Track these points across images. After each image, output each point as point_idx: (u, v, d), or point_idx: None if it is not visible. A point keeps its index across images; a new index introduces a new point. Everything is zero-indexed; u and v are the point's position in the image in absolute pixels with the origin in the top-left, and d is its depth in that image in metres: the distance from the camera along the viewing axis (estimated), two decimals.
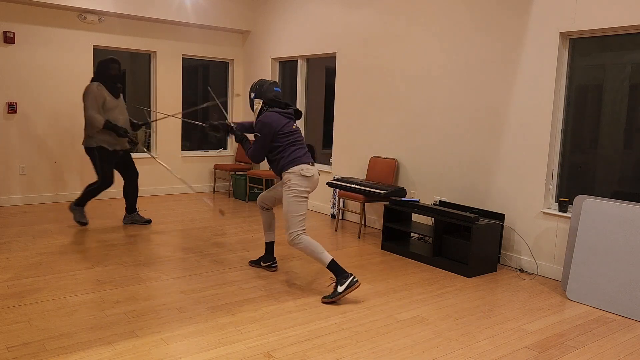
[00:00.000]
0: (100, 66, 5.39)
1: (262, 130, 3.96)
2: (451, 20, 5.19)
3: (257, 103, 4.15)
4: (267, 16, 7.71)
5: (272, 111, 4.04)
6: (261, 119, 3.99)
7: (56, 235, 5.24)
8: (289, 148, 3.97)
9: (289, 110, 4.13)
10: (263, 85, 4.14)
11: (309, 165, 3.96)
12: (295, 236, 3.85)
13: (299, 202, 3.88)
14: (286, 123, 4.02)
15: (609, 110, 4.28)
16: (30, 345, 2.92)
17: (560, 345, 3.19)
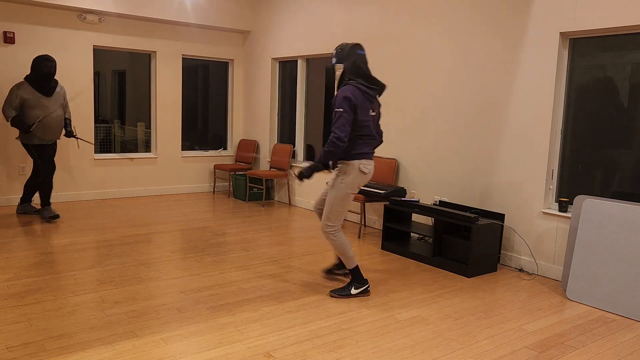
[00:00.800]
0: (33, 64, 5.55)
1: (342, 105, 3.53)
2: (451, 21, 5.19)
3: (338, 69, 3.69)
4: (267, 16, 7.71)
5: (353, 85, 3.59)
6: (339, 92, 3.57)
7: (56, 235, 5.24)
8: (357, 140, 3.64)
9: (374, 87, 3.66)
10: (345, 48, 3.65)
11: (370, 160, 3.71)
12: (335, 230, 3.75)
13: (347, 197, 3.70)
14: (365, 107, 3.60)
15: (609, 110, 4.28)
16: (30, 345, 2.92)
17: (560, 345, 3.19)
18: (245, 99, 8.35)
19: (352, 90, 3.55)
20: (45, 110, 5.59)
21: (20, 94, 5.51)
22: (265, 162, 7.94)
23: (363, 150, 3.67)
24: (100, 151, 7.39)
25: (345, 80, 3.65)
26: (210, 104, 8.56)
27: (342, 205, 3.72)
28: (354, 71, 3.63)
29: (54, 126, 5.71)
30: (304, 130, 7.45)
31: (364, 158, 3.67)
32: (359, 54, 3.64)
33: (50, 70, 5.56)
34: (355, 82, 3.61)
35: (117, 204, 6.94)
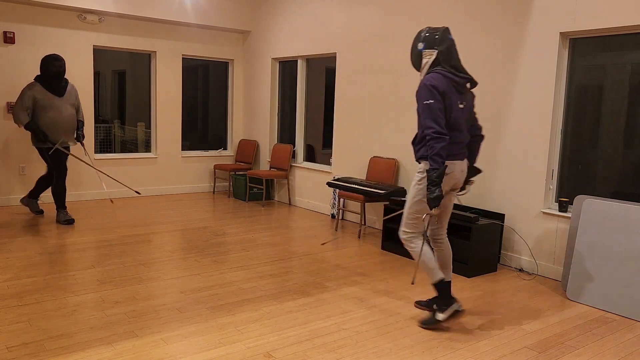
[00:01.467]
0: (42, 64, 5.48)
1: (428, 96, 3.06)
2: (451, 21, 5.19)
3: (427, 56, 3.18)
4: (267, 16, 7.71)
5: (437, 72, 3.13)
6: (422, 82, 3.12)
7: (56, 235, 5.24)
8: None
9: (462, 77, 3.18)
10: (436, 32, 3.17)
11: (456, 161, 3.21)
12: (411, 237, 3.32)
13: (423, 202, 3.21)
14: (452, 98, 3.13)
15: (609, 110, 4.28)
16: (30, 345, 2.92)
17: (560, 345, 3.19)
18: (245, 99, 8.35)
19: (437, 77, 3.10)
20: (57, 111, 5.50)
21: (32, 94, 5.43)
22: (265, 162, 7.94)
23: (449, 150, 3.16)
24: (101, 151, 7.39)
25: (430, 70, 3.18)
26: (210, 104, 8.56)
27: (421, 210, 3.24)
28: (446, 59, 3.15)
29: (67, 127, 5.60)
30: (304, 130, 7.45)
31: (448, 158, 3.16)
32: (451, 39, 3.19)
33: (59, 69, 5.49)
34: (440, 69, 3.15)
35: (117, 204, 6.93)
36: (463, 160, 3.28)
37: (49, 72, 5.47)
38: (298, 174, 7.32)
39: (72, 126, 5.66)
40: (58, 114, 5.50)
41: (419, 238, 3.31)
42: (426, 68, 3.19)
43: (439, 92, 3.07)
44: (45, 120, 5.47)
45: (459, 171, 3.26)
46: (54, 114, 5.48)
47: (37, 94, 5.44)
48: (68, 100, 5.62)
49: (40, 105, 5.44)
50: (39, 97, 5.44)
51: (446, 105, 3.11)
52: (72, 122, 5.64)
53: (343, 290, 4.00)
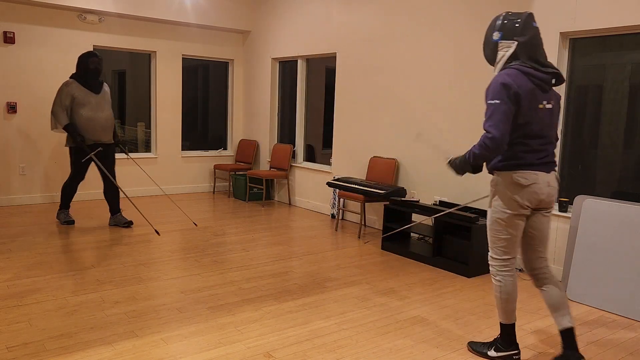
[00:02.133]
0: (78, 61, 5.38)
1: (497, 95, 2.59)
2: (451, 20, 5.19)
3: (503, 47, 2.70)
4: (267, 16, 7.71)
5: (515, 68, 2.65)
6: (495, 78, 2.65)
7: (56, 235, 5.24)
8: (515, 145, 2.66)
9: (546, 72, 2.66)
10: (518, 19, 2.67)
11: (533, 172, 2.67)
12: (500, 266, 2.81)
13: (503, 220, 2.73)
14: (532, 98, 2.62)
15: (609, 110, 4.28)
16: (30, 345, 2.92)
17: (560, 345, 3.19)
18: (245, 99, 8.35)
19: (513, 74, 2.61)
20: (93, 109, 5.35)
21: (70, 91, 5.28)
22: (265, 162, 7.94)
23: (524, 159, 2.66)
24: None
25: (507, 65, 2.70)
26: (210, 104, 8.56)
27: (505, 230, 2.74)
28: (528, 52, 2.66)
29: (104, 125, 5.43)
30: (304, 130, 7.45)
31: (523, 168, 2.67)
32: (535, 27, 2.68)
33: (97, 66, 5.36)
34: (519, 63, 2.66)
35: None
36: (549, 172, 2.72)
37: (86, 69, 5.34)
38: (298, 174, 7.32)
39: (108, 124, 5.48)
40: (94, 112, 5.35)
41: (510, 272, 2.79)
42: (501, 63, 2.71)
43: (511, 93, 2.58)
44: (81, 118, 5.31)
45: (544, 184, 2.69)
46: (90, 112, 5.34)
47: (74, 91, 5.30)
48: (104, 97, 5.49)
49: (77, 102, 5.30)
50: (77, 95, 5.30)
51: (522, 109, 2.61)
52: (108, 120, 5.47)
53: (343, 290, 4.00)
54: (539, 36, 2.69)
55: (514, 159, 2.67)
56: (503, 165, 2.69)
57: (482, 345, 3.00)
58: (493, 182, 2.76)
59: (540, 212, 2.80)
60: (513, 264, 2.79)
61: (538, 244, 2.84)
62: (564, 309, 2.80)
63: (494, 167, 2.74)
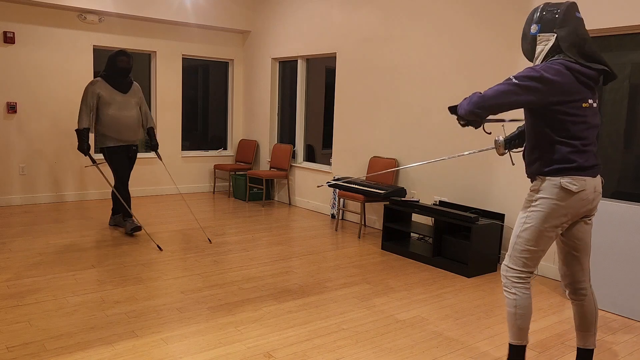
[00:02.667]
0: (108, 59, 5.26)
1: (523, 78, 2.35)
2: (451, 20, 5.19)
3: (542, 41, 2.46)
4: (267, 16, 7.71)
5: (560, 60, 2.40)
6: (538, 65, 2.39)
7: (56, 235, 5.24)
8: (560, 146, 2.41)
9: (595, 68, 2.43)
10: (557, 10, 2.42)
11: (584, 177, 2.42)
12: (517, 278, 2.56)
13: (540, 229, 2.47)
14: (576, 94, 2.38)
15: (609, 111, 4.28)
16: (30, 345, 2.92)
17: (560, 345, 3.19)
18: (245, 99, 8.35)
19: (556, 67, 2.36)
20: (119, 108, 5.23)
21: (95, 90, 5.16)
22: (265, 162, 7.94)
23: (573, 162, 2.40)
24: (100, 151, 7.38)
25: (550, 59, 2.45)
26: (210, 104, 8.56)
27: (533, 241, 2.49)
28: (572, 45, 2.41)
29: (129, 125, 5.30)
30: (304, 130, 7.45)
31: (572, 173, 2.41)
32: (579, 17, 2.44)
33: (126, 65, 5.24)
34: (563, 57, 2.41)
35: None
36: (596, 176, 2.48)
37: (115, 67, 5.22)
38: (298, 174, 7.32)
39: (134, 124, 5.34)
40: (119, 112, 5.23)
41: (526, 285, 2.55)
42: (541, 58, 2.46)
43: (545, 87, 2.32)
44: (107, 117, 5.20)
45: (591, 190, 2.45)
46: (116, 111, 5.22)
47: (100, 89, 5.18)
48: (132, 97, 5.34)
49: (103, 101, 5.19)
50: (102, 93, 5.18)
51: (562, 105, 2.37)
52: (134, 121, 5.33)
53: (343, 290, 4.00)
54: (583, 28, 2.44)
55: (561, 162, 2.40)
56: (551, 168, 2.42)
57: None
58: (535, 187, 2.50)
59: (583, 220, 2.55)
60: (529, 278, 2.58)
61: (583, 255, 2.61)
62: (593, 329, 2.65)
63: (538, 172, 2.47)
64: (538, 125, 2.45)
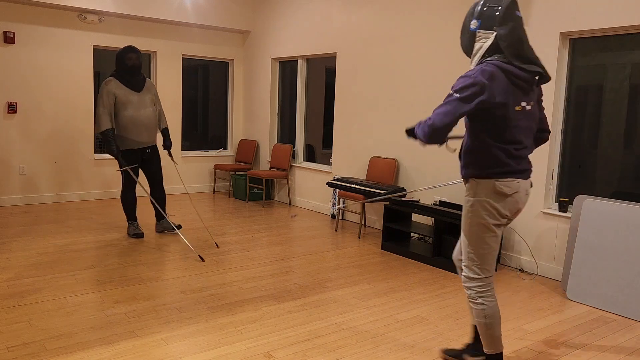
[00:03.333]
0: (117, 57, 5.04)
1: (458, 87, 2.35)
2: (451, 20, 5.19)
3: (481, 38, 2.41)
4: (267, 16, 7.71)
5: (493, 63, 2.36)
6: (472, 71, 2.37)
7: (56, 235, 5.24)
8: (493, 149, 2.42)
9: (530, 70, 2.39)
10: (498, 6, 2.36)
11: (515, 179, 2.46)
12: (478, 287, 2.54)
13: (484, 230, 2.50)
14: (510, 98, 2.36)
15: (609, 110, 4.28)
16: (30, 345, 2.92)
17: (560, 345, 3.19)
18: (245, 99, 8.35)
19: (490, 71, 2.33)
20: (136, 108, 5.01)
21: (110, 89, 4.94)
22: (265, 162, 7.94)
23: (507, 166, 2.43)
24: (101, 151, 7.39)
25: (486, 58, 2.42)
26: (210, 104, 8.56)
27: (478, 243, 2.51)
28: (510, 45, 2.35)
29: (148, 125, 5.09)
30: (304, 130, 7.45)
31: (505, 176, 2.44)
32: (518, 16, 2.38)
33: (135, 62, 5.01)
34: (498, 58, 2.38)
35: (117, 204, 6.93)
36: (527, 179, 2.52)
37: (124, 66, 5.01)
38: (298, 174, 7.32)
39: (152, 124, 5.14)
40: (136, 112, 5.01)
41: (491, 292, 2.54)
42: (478, 56, 2.42)
43: (478, 93, 2.32)
44: (124, 119, 4.99)
45: (524, 193, 2.50)
46: (133, 112, 5.00)
47: (115, 89, 4.96)
48: (146, 96, 5.12)
49: (119, 101, 4.96)
50: (118, 93, 4.96)
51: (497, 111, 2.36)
52: (152, 120, 5.13)
53: (343, 290, 4.00)
54: (522, 27, 2.39)
55: (495, 165, 2.43)
56: (485, 171, 2.44)
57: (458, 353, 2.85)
58: (471, 191, 2.51)
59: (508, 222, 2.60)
60: (492, 283, 2.55)
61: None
62: None
63: (473, 175, 2.48)
64: (475, 128, 2.46)
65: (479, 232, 2.50)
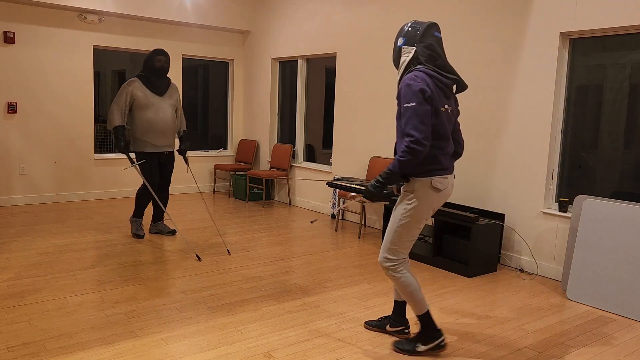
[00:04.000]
0: (145, 59, 5.03)
1: (413, 98, 2.68)
2: (451, 20, 5.19)
3: (406, 52, 2.84)
4: (267, 16, 7.71)
5: (422, 71, 2.77)
6: (405, 81, 2.73)
7: (56, 235, 5.24)
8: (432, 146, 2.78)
9: (449, 77, 2.82)
10: (419, 27, 2.82)
11: (446, 176, 2.84)
12: (396, 266, 2.91)
13: (416, 223, 2.86)
14: (439, 98, 2.77)
15: (609, 110, 4.28)
16: (30, 345, 2.92)
17: (560, 345, 3.19)
18: (245, 99, 8.35)
19: (421, 76, 2.72)
20: (155, 112, 4.96)
21: (131, 90, 4.90)
22: (265, 162, 7.94)
23: (439, 164, 2.80)
24: (101, 151, 7.39)
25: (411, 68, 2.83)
26: (210, 104, 8.56)
27: (407, 233, 2.87)
28: (428, 57, 2.80)
29: (165, 129, 5.03)
30: (304, 130, 7.45)
31: (438, 173, 2.80)
32: (436, 36, 2.84)
33: (163, 65, 4.99)
34: (423, 67, 2.79)
35: (117, 203, 6.93)
36: (452, 173, 2.92)
37: (151, 68, 4.98)
38: (298, 174, 7.32)
39: (170, 129, 5.08)
40: (155, 115, 4.96)
41: (405, 267, 2.92)
42: (402, 67, 2.86)
43: (426, 95, 2.68)
44: (142, 122, 4.94)
45: (450, 187, 2.90)
46: (152, 115, 4.94)
47: (136, 90, 4.91)
48: (168, 100, 5.08)
49: (138, 104, 4.92)
50: (138, 95, 4.91)
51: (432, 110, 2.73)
52: (170, 125, 5.06)
53: (343, 290, 4.00)
54: (440, 45, 2.84)
55: (429, 164, 2.77)
56: (421, 169, 2.77)
57: (407, 342, 3.00)
58: (409, 187, 2.83)
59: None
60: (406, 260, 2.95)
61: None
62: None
63: (411, 173, 2.79)
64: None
65: (410, 223, 2.85)
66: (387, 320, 3.25)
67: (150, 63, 4.99)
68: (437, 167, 2.79)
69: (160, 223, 5.45)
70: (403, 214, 2.85)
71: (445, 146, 2.81)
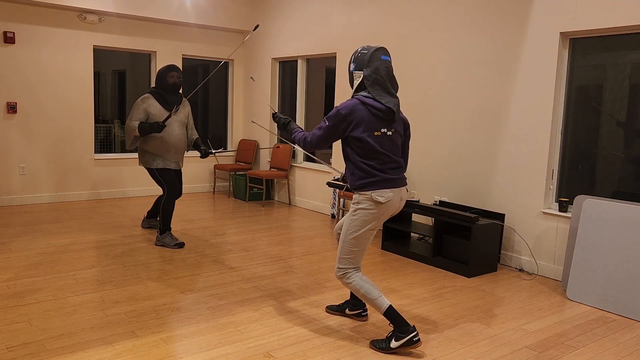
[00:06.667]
0: (158, 74, 4.93)
1: (329, 118, 2.98)
2: (451, 20, 5.19)
3: (357, 77, 3.02)
4: (267, 16, 7.71)
5: (357, 98, 2.98)
6: (340, 104, 2.99)
7: (56, 235, 5.24)
8: (364, 167, 2.98)
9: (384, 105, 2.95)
10: (367, 52, 3.00)
11: (388, 189, 3.02)
12: (345, 274, 3.11)
13: (363, 234, 3.08)
14: (372, 126, 2.95)
15: (609, 111, 4.28)
16: (30, 345, 2.92)
17: (560, 345, 3.19)
18: (245, 99, 8.35)
19: (352, 105, 2.95)
20: (168, 131, 4.85)
21: (146, 108, 4.80)
22: (265, 162, 7.94)
23: (375, 176, 3.00)
24: (101, 151, 7.39)
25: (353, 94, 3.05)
26: (210, 104, 8.56)
27: (356, 244, 3.09)
28: (373, 82, 2.96)
29: (177, 148, 4.95)
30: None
31: (378, 187, 2.99)
32: (383, 60, 3.00)
33: (176, 81, 4.88)
34: (362, 95, 2.99)
35: (117, 204, 6.94)
36: (401, 187, 3.07)
37: (164, 84, 4.87)
38: (298, 174, 7.32)
39: (181, 147, 5.00)
40: (168, 134, 4.86)
41: (355, 272, 3.11)
42: (354, 89, 3.03)
43: (343, 122, 2.93)
44: (154, 139, 4.84)
45: (397, 199, 3.07)
46: (164, 133, 4.85)
47: (151, 108, 4.81)
48: (179, 118, 4.97)
49: (152, 120, 4.82)
50: (152, 112, 4.81)
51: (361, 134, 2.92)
52: (181, 142, 4.98)
53: (343, 290, 4.00)
54: (386, 68, 2.99)
55: (365, 178, 2.98)
56: (361, 184, 2.99)
57: (382, 341, 3.05)
58: (355, 200, 3.06)
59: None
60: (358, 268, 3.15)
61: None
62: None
63: (355, 187, 3.03)
64: (346, 149, 3.03)
65: (359, 235, 3.07)
66: (347, 305, 3.47)
67: (164, 79, 4.88)
68: (375, 181, 2.98)
69: (153, 219, 5.58)
70: (350, 227, 3.08)
71: (379, 164, 2.99)
